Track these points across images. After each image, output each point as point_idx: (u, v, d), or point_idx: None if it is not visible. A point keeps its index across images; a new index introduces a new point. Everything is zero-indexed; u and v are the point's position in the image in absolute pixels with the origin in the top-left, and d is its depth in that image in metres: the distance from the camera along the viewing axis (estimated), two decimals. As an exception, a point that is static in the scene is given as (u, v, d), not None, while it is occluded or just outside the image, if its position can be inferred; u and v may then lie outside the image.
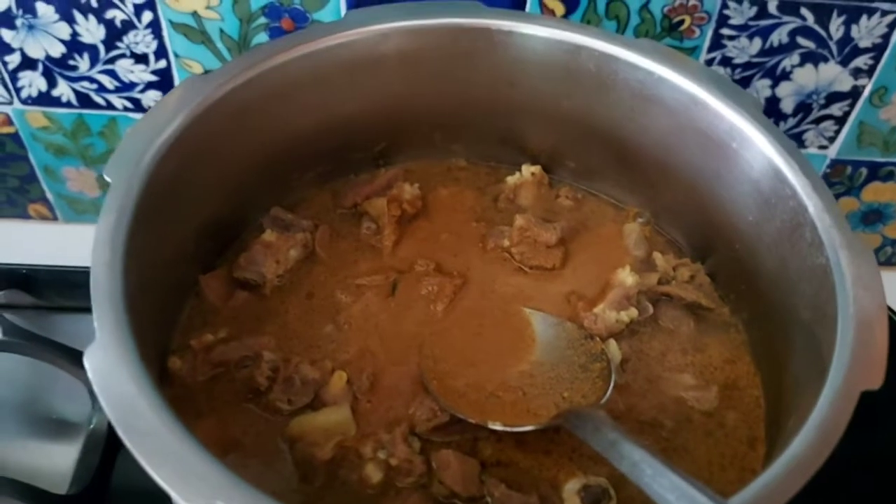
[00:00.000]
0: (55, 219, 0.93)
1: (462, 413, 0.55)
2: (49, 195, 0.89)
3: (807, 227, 0.53)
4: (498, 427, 0.54)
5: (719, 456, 0.57)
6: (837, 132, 0.82)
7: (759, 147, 0.57)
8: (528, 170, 0.72)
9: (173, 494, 0.38)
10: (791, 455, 0.41)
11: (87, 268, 0.47)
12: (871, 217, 0.91)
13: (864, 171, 0.86)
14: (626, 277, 0.63)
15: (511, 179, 0.72)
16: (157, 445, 0.40)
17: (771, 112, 0.80)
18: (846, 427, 0.42)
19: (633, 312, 0.62)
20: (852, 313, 0.47)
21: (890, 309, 0.81)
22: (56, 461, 0.71)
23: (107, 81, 0.77)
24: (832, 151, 0.84)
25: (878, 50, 0.74)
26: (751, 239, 0.60)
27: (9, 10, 0.71)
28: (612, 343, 0.61)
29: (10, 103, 0.79)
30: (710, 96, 0.59)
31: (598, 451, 0.46)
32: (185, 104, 0.57)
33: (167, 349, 0.60)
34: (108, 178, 0.51)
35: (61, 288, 0.79)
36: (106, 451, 0.69)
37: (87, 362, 0.42)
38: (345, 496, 0.54)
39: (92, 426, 0.71)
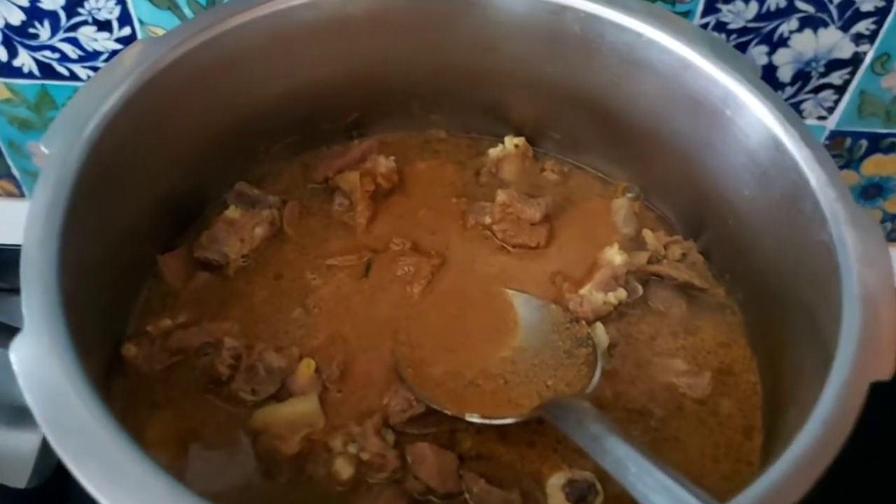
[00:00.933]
0: (22, 195, 0.89)
1: (439, 404, 0.52)
2: (15, 171, 0.86)
3: (808, 200, 0.49)
4: (476, 420, 0.51)
5: (713, 446, 0.54)
6: (837, 102, 0.78)
7: (756, 115, 0.53)
8: (511, 142, 0.69)
9: (102, 500, 0.34)
10: (793, 454, 0.38)
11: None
12: (871, 191, 0.88)
13: (864, 142, 0.82)
14: (615, 256, 0.60)
15: (493, 152, 0.69)
16: (87, 445, 0.36)
17: (768, 81, 0.76)
18: (854, 422, 0.38)
19: (622, 294, 0.59)
20: (857, 294, 0.44)
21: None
22: (15, 452, 0.67)
23: (69, 50, 0.73)
24: (831, 122, 0.80)
25: (880, 14, 0.71)
26: (747, 214, 0.56)
27: (-38, -26, 0.67)
28: (599, 326, 0.58)
29: (-30, 75, 0.75)
30: (703, 60, 0.55)
31: (580, 446, 0.43)
32: (135, 67, 0.52)
33: (122, 335, 0.56)
34: (45, 149, 0.47)
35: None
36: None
37: (12, 353, 0.38)
38: (312, 493, 0.51)
39: (51, 416, 0.67)
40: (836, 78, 0.76)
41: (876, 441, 0.44)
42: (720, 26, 0.71)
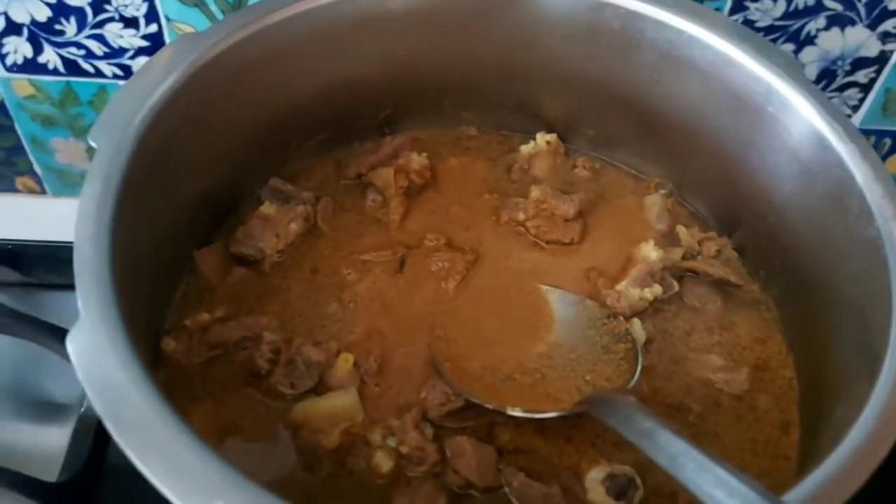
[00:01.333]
0: (43, 192, 0.88)
1: (478, 398, 0.52)
2: (37, 168, 0.85)
3: (854, 197, 0.49)
4: (518, 413, 0.50)
5: (751, 441, 0.54)
6: (862, 100, 0.78)
7: (799, 111, 0.53)
8: (543, 138, 0.69)
9: (167, 493, 0.34)
10: (847, 449, 0.37)
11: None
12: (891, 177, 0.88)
13: (888, 141, 0.82)
14: (650, 252, 0.60)
15: (525, 148, 0.69)
16: (148, 438, 0.36)
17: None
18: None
19: (658, 289, 0.59)
20: (907, 291, 0.44)
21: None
22: (46, 446, 0.68)
23: (95, 47, 0.73)
24: (856, 121, 0.80)
25: (909, 13, 0.70)
26: (786, 211, 0.56)
27: (-10, -29, 0.67)
28: (637, 322, 0.58)
29: (-5, 71, 0.75)
30: (745, 56, 0.55)
31: (632, 442, 0.43)
32: (175, 65, 0.53)
33: (160, 330, 0.56)
34: (93, 144, 0.47)
35: (50, 264, 0.76)
36: (98, 434, 0.65)
37: (69, 345, 0.38)
38: (352, 486, 0.51)
39: (83, 409, 0.67)
40: (861, 76, 0.76)
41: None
42: (747, 24, 0.71)
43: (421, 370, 0.55)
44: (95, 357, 0.38)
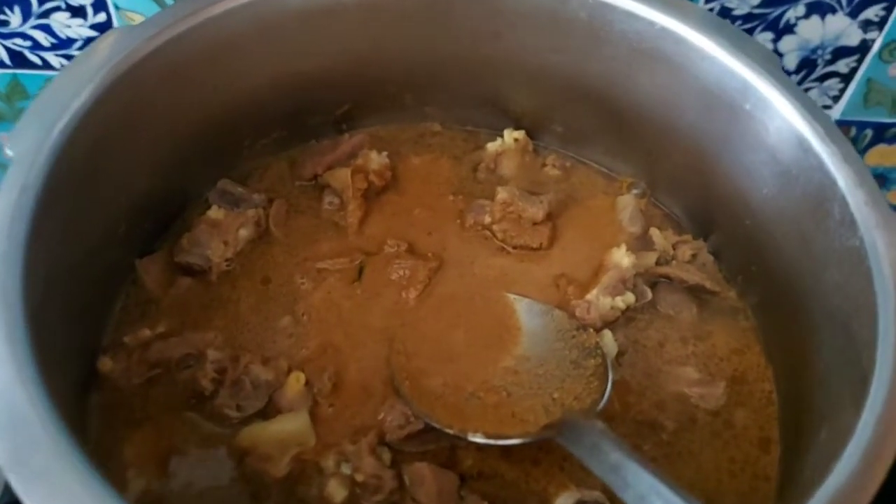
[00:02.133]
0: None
1: (439, 421, 0.49)
2: (-16, 164, 0.82)
3: (836, 202, 0.46)
4: (479, 440, 0.47)
5: (728, 461, 0.51)
6: (843, 91, 0.77)
7: (777, 109, 0.50)
8: (510, 135, 0.66)
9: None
10: (833, 486, 0.34)
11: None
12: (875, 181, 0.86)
13: (869, 132, 0.81)
14: (622, 258, 0.57)
15: (492, 146, 0.66)
16: (54, 490, 0.32)
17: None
18: None
19: (630, 298, 0.57)
20: (894, 303, 0.41)
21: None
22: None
23: (42, 38, 0.70)
24: (836, 112, 0.78)
25: (890, 0, 0.68)
26: (765, 214, 0.54)
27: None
28: (608, 335, 0.55)
29: (-62, 64, 0.72)
30: (720, 50, 0.52)
31: (597, 475, 0.40)
32: (109, 59, 0.49)
33: (98, 347, 0.53)
34: (9, 152, 0.43)
35: None
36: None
37: (-30, 385, 0.34)
38: (303, 518, 0.47)
39: None
40: (842, 66, 0.74)
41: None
42: (725, 12, 0.69)
43: (379, 389, 0.52)
44: (1, 397, 0.34)
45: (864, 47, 0.72)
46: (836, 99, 0.77)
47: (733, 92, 0.52)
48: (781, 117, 0.50)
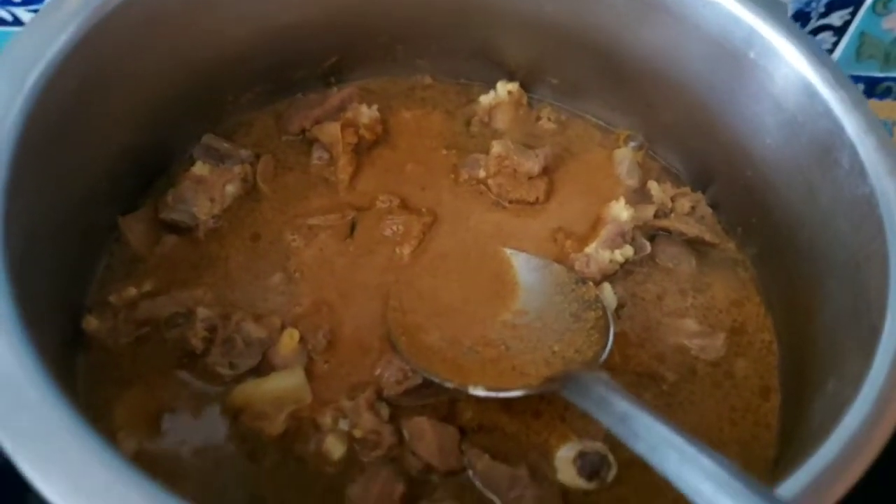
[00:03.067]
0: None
1: (437, 375, 0.48)
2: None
3: (844, 150, 0.45)
4: (480, 393, 0.46)
5: (729, 409, 0.51)
6: (836, 44, 0.75)
7: (783, 56, 0.49)
8: (504, 87, 0.64)
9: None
10: (846, 433, 0.34)
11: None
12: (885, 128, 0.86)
13: (861, 86, 0.80)
14: (620, 211, 0.56)
15: (485, 99, 0.64)
16: (47, 450, 0.31)
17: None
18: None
19: (629, 251, 0.56)
20: (907, 253, 0.40)
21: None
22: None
23: (11, -8, 0.66)
24: (829, 66, 0.77)
25: (886, -48, 0.67)
26: (767, 165, 0.52)
27: None
28: (607, 287, 0.54)
29: None
30: (724, -5, 0.50)
31: (606, 426, 0.39)
32: (83, 7, 0.46)
33: (81, 307, 0.51)
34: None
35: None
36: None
37: (-48, 342, 0.32)
38: (301, 476, 0.47)
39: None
40: (836, 19, 0.73)
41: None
42: (720, -38, 0.67)
43: (375, 345, 0.51)
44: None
45: (857, 0, 0.71)
46: (829, 52, 0.76)
47: (737, 40, 0.51)
48: (787, 64, 0.48)
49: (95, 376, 0.49)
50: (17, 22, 0.68)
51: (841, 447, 0.34)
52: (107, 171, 0.51)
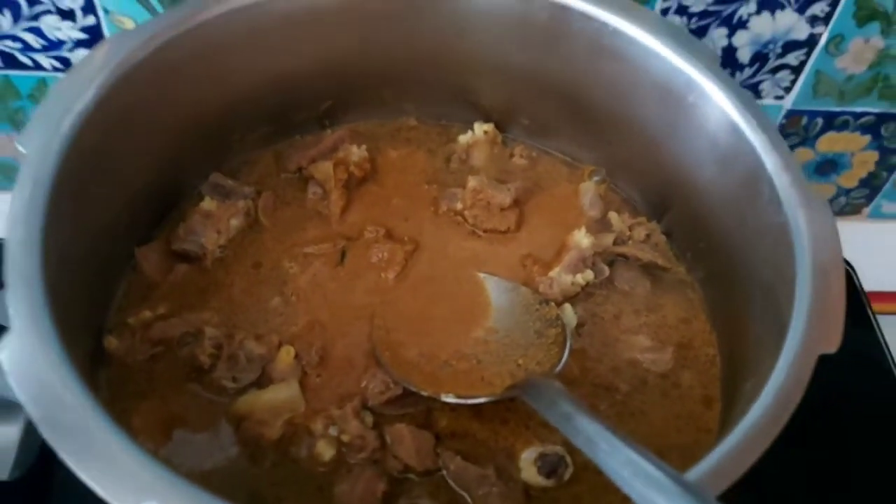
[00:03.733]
0: (-5, 186, 0.88)
1: (415, 385, 0.53)
2: (-23, 161, 0.85)
3: (765, 184, 0.51)
4: (451, 399, 0.52)
5: (675, 417, 0.56)
6: (794, 82, 0.81)
7: (715, 101, 0.55)
8: (480, 128, 0.70)
9: (102, 494, 0.35)
10: (748, 423, 0.40)
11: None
12: (826, 167, 0.91)
13: (819, 121, 0.85)
14: (582, 239, 0.62)
15: (463, 139, 0.70)
16: (85, 442, 0.37)
17: (727, 62, 0.79)
18: (804, 392, 0.41)
19: (589, 275, 0.61)
20: (810, 274, 0.46)
21: (846, 261, 0.82)
22: (-4, 441, 0.68)
23: (32, 40, 0.72)
24: (788, 102, 0.83)
25: (834, -4, 0.73)
26: (709, 196, 0.59)
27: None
28: (568, 307, 0.60)
29: (-69, 65, 0.74)
30: (666, 49, 0.57)
31: (554, 425, 0.45)
32: (108, 63, 0.52)
33: (102, 328, 0.57)
34: (21, 149, 0.47)
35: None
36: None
37: (1, 353, 0.39)
38: (295, 475, 0.52)
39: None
40: (792, 59, 0.78)
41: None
42: (682, 9, 0.73)
43: (361, 360, 0.57)
44: (28, 364, 0.39)
45: (811, 41, 0.77)
46: (788, 90, 0.81)
47: (679, 86, 0.57)
48: (718, 108, 0.55)
49: (115, 389, 0.54)
50: (37, 66, 0.74)
51: (743, 435, 0.40)
52: (128, 207, 0.57)
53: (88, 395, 0.39)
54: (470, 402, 0.53)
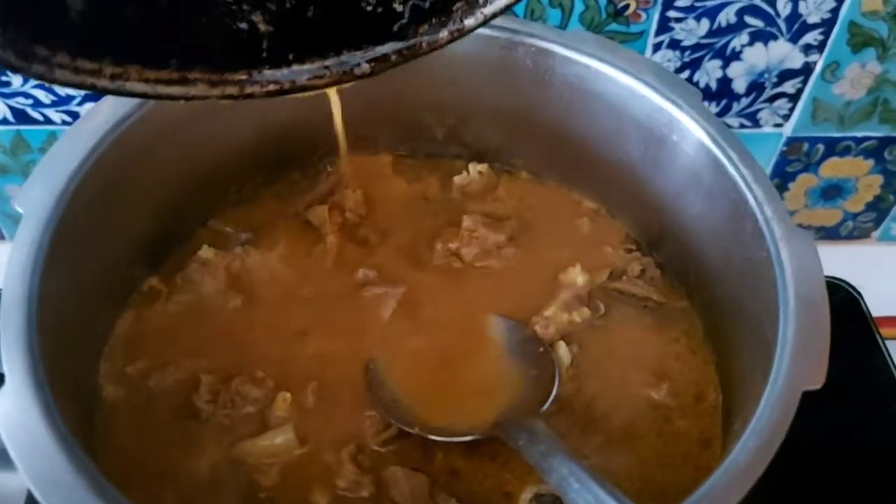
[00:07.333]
0: (2, 237, 0.91)
1: (405, 423, 0.54)
2: (-6, 215, 0.87)
3: (748, 219, 0.51)
4: (437, 438, 0.53)
5: (671, 454, 0.56)
6: (792, 109, 0.81)
7: (697, 138, 0.56)
8: (475, 168, 0.71)
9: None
10: (728, 464, 0.40)
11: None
12: (831, 192, 0.91)
13: (820, 146, 0.85)
14: (577, 277, 0.62)
15: (458, 179, 0.71)
16: (72, 498, 0.38)
17: (724, 93, 0.79)
18: (788, 429, 0.41)
19: (585, 312, 0.61)
20: (794, 309, 0.46)
21: (849, 284, 0.82)
22: (5, 491, 0.69)
23: (42, 96, 0.75)
24: (787, 129, 0.83)
25: (827, 25, 0.73)
26: (696, 232, 0.59)
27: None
28: (562, 345, 0.60)
29: (-54, 123, 0.77)
30: (648, 89, 0.58)
31: (531, 464, 0.45)
32: (103, 125, 0.54)
33: (97, 375, 0.58)
34: (19, 209, 0.49)
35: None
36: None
37: (-3, 409, 0.40)
38: (291, 521, 0.52)
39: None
40: (789, 87, 0.78)
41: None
42: (674, 44, 0.74)
43: (358, 401, 0.57)
44: (20, 421, 0.40)
45: (807, 69, 0.77)
46: (787, 117, 0.82)
47: (662, 126, 0.58)
48: (701, 145, 0.55)
49: (111, 435, 0.55)
50: (47, 121, 0.77)
51: (720, 479, 0.40)
52: (124, 259, 0.59)
53: (80, 453, 0.40)
54: (455, 440, 0.53)
